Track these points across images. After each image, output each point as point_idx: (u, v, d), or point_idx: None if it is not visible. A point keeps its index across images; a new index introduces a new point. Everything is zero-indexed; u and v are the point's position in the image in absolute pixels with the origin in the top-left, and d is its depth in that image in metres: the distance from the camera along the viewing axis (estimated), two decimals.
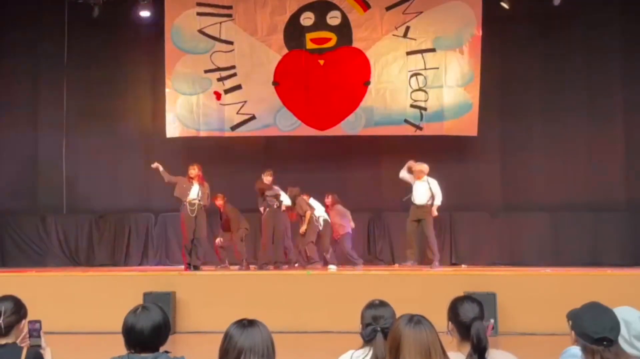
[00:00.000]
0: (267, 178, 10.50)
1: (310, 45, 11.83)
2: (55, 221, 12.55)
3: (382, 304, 3.08)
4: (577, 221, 12.00)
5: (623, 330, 2.72)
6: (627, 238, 11.87)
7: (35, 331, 3.08)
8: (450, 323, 2.83)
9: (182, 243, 10.70)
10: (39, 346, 3.06)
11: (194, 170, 10.23)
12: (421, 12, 11.68)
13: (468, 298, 2.89)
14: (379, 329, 2.92)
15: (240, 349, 2.30)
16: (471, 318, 2.74)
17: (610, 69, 12.24)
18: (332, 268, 10.58)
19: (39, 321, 3.10)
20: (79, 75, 12.65)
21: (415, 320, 2.35)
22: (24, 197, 12.79)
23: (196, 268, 10.21)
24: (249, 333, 2.33)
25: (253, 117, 11.82)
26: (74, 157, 12.67)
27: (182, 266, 11.78)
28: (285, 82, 11.83)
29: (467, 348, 2.74)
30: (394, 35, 11.75)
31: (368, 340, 2.96)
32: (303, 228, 10.71)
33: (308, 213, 10.65)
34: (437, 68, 11.62)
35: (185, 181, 10.26)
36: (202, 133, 11.93)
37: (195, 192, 10.21)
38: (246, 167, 12.53)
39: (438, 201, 10.42)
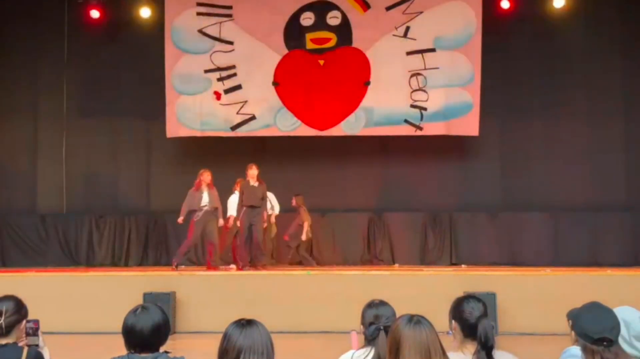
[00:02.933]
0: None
1: (310, 45, 11.82)
2: (55, 221, 12.54)
3: (382, 303, 3.10)
4: (577, 221, 11.99)
5: (623, 330, 2.72)
6: (627, 238, 11.87)
7: (32, 330, 3.08)
8: (453, 322, 2.83)
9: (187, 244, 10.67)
10: (37, 345, 3.06)
11: (208, 176, 10.32)
12: (421, 12, 11.66)
13: (472, 297, 2.89)
14: (381, 327, 2.93)
15: (239, 349, 2.30)
16: (477, 316, 2.74)
17: (610, 69, 12.23)
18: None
19: (36, 321, 3.10)
20: (79, 75, 12.65)
21: (415, 320, 2.35)
22: (24, 197, 12.79)
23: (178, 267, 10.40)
24: (247, 332, 2.33)
25: (253, 117, 11.82)
26: (74, 157, 12.67)
27: (183, 266, 11.85)
28: (285, 82, 11.82)
29: (470, 347, 2.74)
30: (394, 35, 11.74)
31: (371, 339, 2.97)
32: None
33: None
34: (437, 68, 11.61)
35: (193, 191, 10.38)
36: (202, 133, 11.92)
37: (206, 199, 10.31)
38: (246, 167, 12.55)
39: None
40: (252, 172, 10.25)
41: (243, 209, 10.24)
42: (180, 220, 10.51)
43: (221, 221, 10.53)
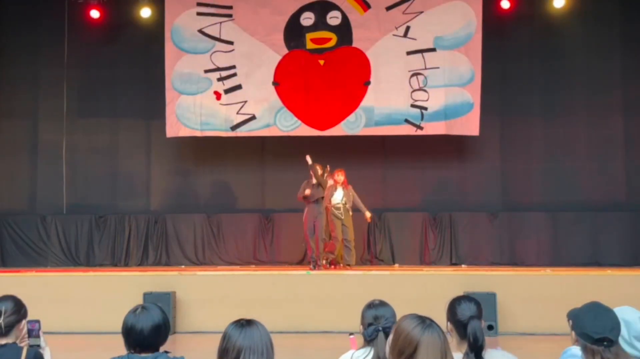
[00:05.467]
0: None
1: (310, 45, 11.81)
2: (55, 221, 12.52)
3: (382, 304, 3.10)
4: (577, 221, 11.99)
5: (623, 330, 2.72)
6: (627, 238, 11.86)
7: (34, 331, 3.08)
8: (449, 323, 2.83)
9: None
10: (38, 345, 3.06)
11: (340, 176, 10.65)
12: (421, 12, 11.66)
13: (465, 297, 2.89)
14: (380, 329, 2.93)
15: (239, 349, 2.30)
16: (468, 316, 2.74)
17: (610, 69, 12.22)
18: None
19: (37, 321, 3.10)
20: (79, 75, 12.64)
21: (428, 324, 2.26)
22: (24, 197, 12.79)
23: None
24: (247, 332, 2.33)
25: (253, 117, 11.82)
26: (74, 157, 12.67)
27: (183, 266, 11.85)
28: (286, 82, 11.82)
29: (466, 347, 2.74)
30: (394, 35, 11.73)
31: (370, 340, 2.97)
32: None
33: None
34: (438, 68, 11.60)
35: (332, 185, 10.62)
36: (202, 133, 11.90)
37: (340, 196, 10.64)
38: (246, 167, 12.56)
39: None
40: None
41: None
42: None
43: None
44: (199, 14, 11.83)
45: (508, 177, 12.41)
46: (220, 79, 11.81)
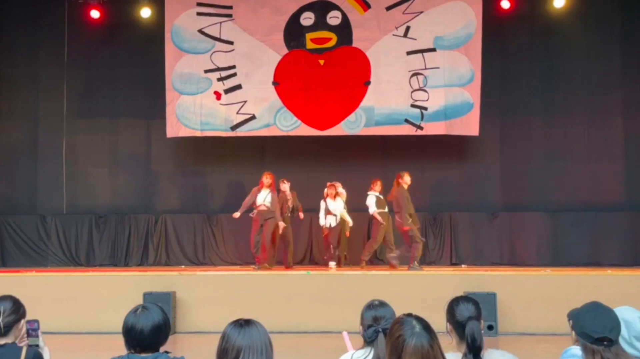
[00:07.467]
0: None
1: (310, 45, 11.82)
2: (55, 221, 12.53)
3: (382, 304, 3.08)
4: (577, 221, 11.99)
5: (623, 330, 2.72)
6: (627, 238, 11.86)
7: (33, 331, 3.08)
8: (448, 324, 2.83)
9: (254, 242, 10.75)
10: (37, 345, 3.06)
11: (267, 179, 10.66)
12: (421, 12, 11.67)
13: (464, 297, 2.88)
14: (380, 330, 2.92)
15: (239, 349, 2.29)
16: (466, 317, 2.73)
17: (610, 69, 12.23)
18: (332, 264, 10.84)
19: (36, 321, 3.10)
20: (79, 75, 12.64)
21: (416, 333, 2.23)
22: (24, 197, 12.79)
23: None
24: (246, 332, 2.33)
25: (253, 117, 11.82)
26: (74, 157, 12.67)
27: (183, 266, 11.89)
28: (286, 82, 11.82)
29: (464, 347, 2.74)
30: (394, 35, 11.74)
31: (370, 341, 2.96)
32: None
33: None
34: (438, 67, 11.61)
35: (256, 190, 10.71)
36: (202, 133, 11.91)
37: (262, 198, 10.63)
38: (246, 167, 12.55)
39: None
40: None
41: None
42: (236, 215, 10.78)
43: (281, 224, 10.70)
44: (199, 14, 11.83)
45: (508, 177, 12.40)
46: (220, 79, 11.81)
